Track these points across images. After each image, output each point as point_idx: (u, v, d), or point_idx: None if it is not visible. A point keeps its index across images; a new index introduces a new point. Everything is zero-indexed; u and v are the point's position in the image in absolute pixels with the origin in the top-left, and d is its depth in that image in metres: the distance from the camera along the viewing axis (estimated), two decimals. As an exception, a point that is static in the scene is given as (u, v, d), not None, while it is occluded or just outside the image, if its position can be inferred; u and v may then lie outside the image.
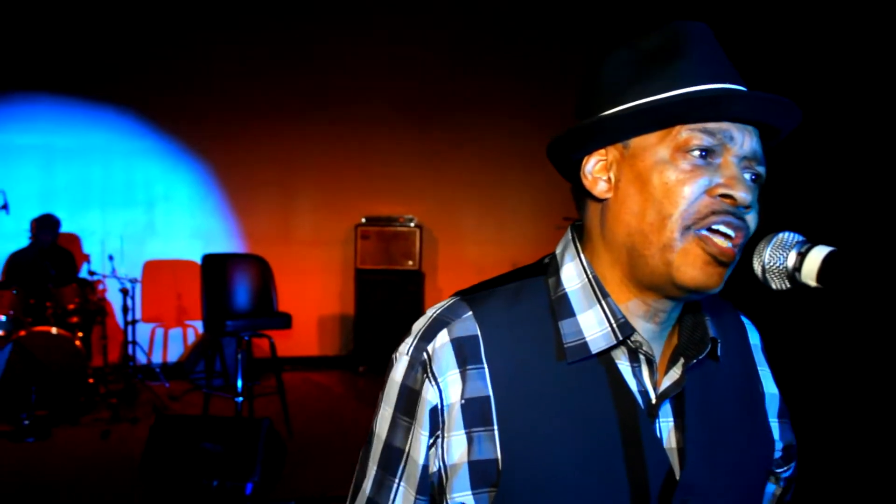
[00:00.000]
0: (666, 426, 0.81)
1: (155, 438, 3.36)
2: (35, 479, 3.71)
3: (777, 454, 0.91)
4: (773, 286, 0.74)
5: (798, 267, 0.71)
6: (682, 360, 0.82)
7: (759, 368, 0.93)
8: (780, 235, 0.74)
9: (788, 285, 0.73)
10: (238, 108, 6.10)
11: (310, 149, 6.32)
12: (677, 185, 0.74)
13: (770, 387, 0.93)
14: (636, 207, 0.77)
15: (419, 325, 0.84)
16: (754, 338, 0.95)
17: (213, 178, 6.28)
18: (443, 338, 0.80)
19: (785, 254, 0.73)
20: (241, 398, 4.27)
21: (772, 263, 0.73)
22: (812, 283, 0.70)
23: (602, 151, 0.81)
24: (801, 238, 0.74)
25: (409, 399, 0.81)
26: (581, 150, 0.82)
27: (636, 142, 0.78)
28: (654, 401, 0.80)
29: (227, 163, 6.23)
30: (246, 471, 3.27)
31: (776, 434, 0.91)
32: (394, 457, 0.82)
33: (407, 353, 0.82)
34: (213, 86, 6.01)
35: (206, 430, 3.37)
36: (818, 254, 0.70)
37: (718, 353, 0.83)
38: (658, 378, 0.82)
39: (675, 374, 0.82)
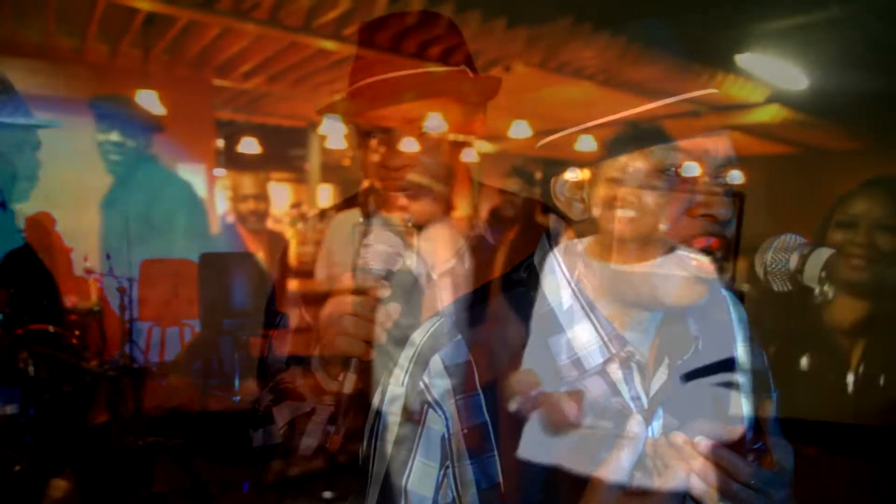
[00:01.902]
0: (657, 426, 0.81)
1: (151, 437, 3.35)
2: (29, 476, 3.69)
3: (747, 435, 0.92)
4: (776, 287, 0.74)
5: (800, 269, 0.72)
6: (667, 360, 0.82)
7: (737, 344, 0.92)
8: (782, 238, 0.74)
9: (790, 287, 0.73)
10: (234, 105, 6.07)
11: (309, 146, 6.30)
12: (656, 209, 0.73)
13: (743, 362, 0.92)
14: (615, 230, 0.76)
15: (409, 354, 0.80)
16: (737, 311, 0.94)
17: (211, 177, 6.26)
18: (436, 365, 0.77)
19: (787, 256, 0.73)
20: (238, 397, 4.27)
21: (774, 266, 0.73)
22: (814, 285, 0.71)
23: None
24: (802, 240, 0.74)
25: (409, 432, 0.77)
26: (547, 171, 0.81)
27: (607, 161, 0.77)
28: (646, 405, 0.80)
29: (224, 160, 6.21)
30: (243, 469, 3.25)
31: (744, 410, 0.91)
32: (395, 495, 0.77)
33: (402, 384, 0.79)
34: (211, 84, 5.99)
35: (203, 427, 3.37)
36: (820, 256, 0.71)
37: (699, 348, 0.83)
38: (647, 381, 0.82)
39: (662, 375, 0.82)
